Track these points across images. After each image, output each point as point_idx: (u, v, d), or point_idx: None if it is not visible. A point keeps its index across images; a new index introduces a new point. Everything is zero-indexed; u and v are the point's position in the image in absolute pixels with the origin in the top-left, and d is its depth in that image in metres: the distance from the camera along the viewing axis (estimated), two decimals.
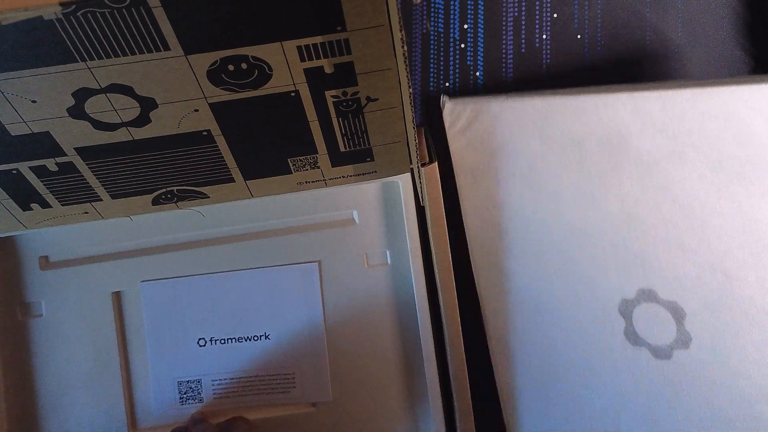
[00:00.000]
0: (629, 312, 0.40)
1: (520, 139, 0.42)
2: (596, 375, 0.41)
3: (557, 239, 0.41)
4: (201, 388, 0.43)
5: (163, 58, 0.28)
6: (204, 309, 0.44)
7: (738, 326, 0.39)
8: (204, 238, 0.44)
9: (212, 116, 0.33)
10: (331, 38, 0.29)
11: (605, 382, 0.40)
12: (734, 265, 0.39)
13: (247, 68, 0.30)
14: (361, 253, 0.44)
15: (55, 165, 0.35)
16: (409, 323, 0.43)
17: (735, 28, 0.46)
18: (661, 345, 0.40)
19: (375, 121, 0.35)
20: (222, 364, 0.43)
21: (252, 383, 0.43)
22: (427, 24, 0.47)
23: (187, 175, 0.37)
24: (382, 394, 0.44)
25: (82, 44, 0.27)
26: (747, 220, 0.39)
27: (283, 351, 0.43)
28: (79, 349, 0.44)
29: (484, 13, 0.47)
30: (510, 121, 0.42)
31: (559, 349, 0.41)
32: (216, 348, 0.43)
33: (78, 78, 0.29)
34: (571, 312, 0.41)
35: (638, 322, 0.40)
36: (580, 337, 0.41)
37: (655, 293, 0.40)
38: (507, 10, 0.47)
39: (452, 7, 0.47)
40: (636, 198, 0.40)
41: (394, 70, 0.31)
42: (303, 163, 0.38)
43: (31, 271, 0.44)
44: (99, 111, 0.31)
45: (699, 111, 0.39)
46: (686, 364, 0.40)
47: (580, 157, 0.41)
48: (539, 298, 0.42)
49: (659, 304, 0.40)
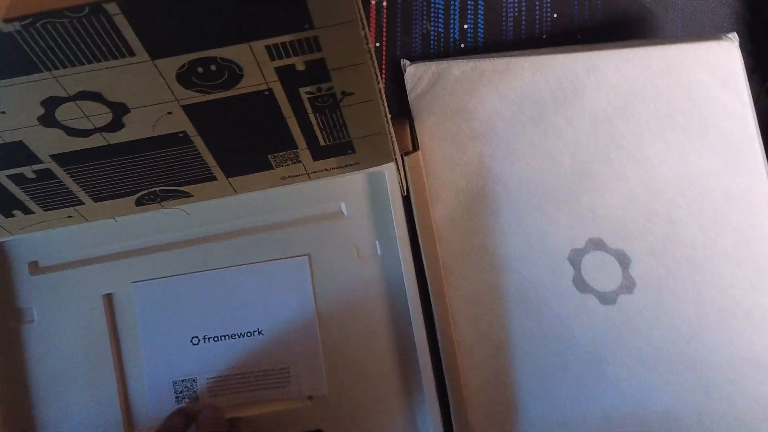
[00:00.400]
0: (578, 261, 0.42)
1: (479, 99, 0.43)
2: (546, 321, 0.42)
3: (513, 196, 0.43)
4: (196, 387, 0.43)
5: (129, 64, 0.28)
6: (196, 307, 0.44)
7: (679, 271, 0.41)
8: (193, 237, 0.44)
9: (186, 118, 0.32)
10: (300, 36, 0.28)
11: (554, 328, 0.42)
12: (679, 213, 0.41)
13: (217, 70, 0.29)
14: (351, 245, 0.44)
15: (33, 173, 0.34)
16: (402, 313, 0.43)
17: (735, 28, 0.46)
18: (607, 291, 0.42)
19: (353, 115, 0.34)
20: (216, 361, 0.43)
21: (247, 379, 0.43)
22: (427, 24, 0.47)
23: (167, 176, 0.37)
24: (376, 384, 0.44)
25: (45, 54, 0.27)
26: (692, 171, 0.41)
27: (277, 346, 0.43)
28: (73, 353, 0.44)
29: (484, 13, 0.47)
30: (470, 81, 0.43)
31: (513, 301, 0.43)
32: (210, 346, 0.43)
33: (45, 87, 0.28)
34: (525, 265, 0.43)
35: (586, 270, 0.42)
36: (533, 287, 0.43)
37: (603, 242, 0.42)
38: (507, 10, 0.47)
39: (452, 7, 0.47)
40: (589, 153, 0.42)
41: (367, 64, 0.30)
42: (284, 159, 0.37)
43: (20, 277, 0.44)
44: (70, 118, 0.31)
45: (650, 69, 0.41)
46: (630, 309, 0.42)
47: (537, 115, 0.43)
48: (494, 255, 0.43)
49: (607, 252, 0.42)
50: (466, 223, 0.44)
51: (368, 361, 0.44)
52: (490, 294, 0.43)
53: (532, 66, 0.42)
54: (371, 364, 0.44)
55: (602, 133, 0.42)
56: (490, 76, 0.43)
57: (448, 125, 0.44)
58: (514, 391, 0.43)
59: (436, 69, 0.44)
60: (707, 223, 0.41)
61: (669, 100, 0.41)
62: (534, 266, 0.43)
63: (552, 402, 0.43)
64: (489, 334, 0.43)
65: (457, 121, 0.44)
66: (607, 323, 0.42)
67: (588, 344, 0.42)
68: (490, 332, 0.43)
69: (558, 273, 0.42)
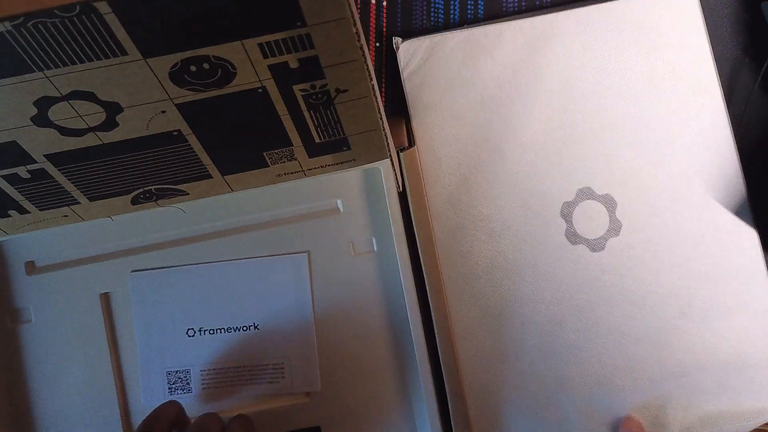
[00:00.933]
0: (570, 214, 0.44)
1: (474, 68, 0.44)
2: (541, 276, 0.44)
3: (509, 161, 0.44)
4: (190, 378, 0.43)
5: (121, 63, 0.28)
6: (193, 300, 0.44)
7: (662, 207, 0.44)
8: (190, 235, 0.44)
9: (180, 116, 0.32)
10: (292, 34, 0.28)
11: (549, 281, 0.44)
12: (659, 151, 0.44)
13: (210, 68, 0.29)
14: (348, 242, 0.44)
15: (27, 172, 0.34)
16: (398, 309, 0.43)
17: (734, 28, 0.46)
18: (597, 238, 0.44)
19: (347, 112, 0.34)
20: (211, 354, 0.44)
21: (241, 373, 0.43)
22: (427, 23, 0.47)
23: (163, 174, 0.37)
24: (374, 380, 0.44)
25: (36, 54, 0.26)
26: (677, 114, 0.44)
27: (273, 341, 0.43)
28: (70, 352, 0.44)
29: (484, 13, 0.47)
30: (464, 51, 0.44)
31: (510, 269, 0.44)
32: (205, 338, 0.44)
33: (37, 87, 0.28)
34: (521, 227, 0.44)
35: (577, 221, 0.44)
36: (528, 246, 0.44)
37: (592, 190, 0.44)
38: (507, 11, 0.47)
39: (452, 7, 0.47)
40: (579, 107, 0.44)
41: (360, 61, 0.30)
42: (279, 156, 0.37)
43: (17, 278, 0.44)
44: (63, 118, 0.31)
45: (635, 20, 0.44)
46: (618, 250, 0.44)
47: (531, 77, 0.44)
48: (491, 222, 0.44)
49: (595, 199, 0.44)
50: (463, 195, 0.44)
51: (365, 357, 0.44)
52: (487, 265, 0.44)
53: (524, 30, 0.44)
54: (368, 360, 0.44)
55: (591, 85, 0.44)
56: (484, 43, 0.44)
57: (443, 98, 0.44)
58: (513, 374, 0.44)
59: (429, 43, 0.45)
60: (693, 161, 0.44)
61: (646, 52, 0.44)
62: (530, 226, 0.44)
63: (551, 362, 0.44)
64: (487, 307, 0.44)
65: (453, 92, 0.44)
66: (598, 269, 0.44)
67: (581, 295, 0.44)
68: (488, 305, 0.44)
69: (552, 229, 0.44)
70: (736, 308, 0.43)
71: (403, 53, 0.45)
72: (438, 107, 0.44)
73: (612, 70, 0.44)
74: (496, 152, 0.44)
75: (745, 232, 0.43)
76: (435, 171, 0.45)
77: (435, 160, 0.44)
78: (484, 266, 0.44)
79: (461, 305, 0.44)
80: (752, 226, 0.43)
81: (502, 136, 0.44)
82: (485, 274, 0.44)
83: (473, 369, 0.44)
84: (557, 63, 0.44)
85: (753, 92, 0.45)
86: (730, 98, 0.45)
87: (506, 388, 0.44)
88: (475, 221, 0.44)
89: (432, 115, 0.45)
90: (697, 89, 0.44)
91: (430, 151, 0.45)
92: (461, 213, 0.44)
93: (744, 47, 0.46)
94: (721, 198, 0.44)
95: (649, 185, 0.44)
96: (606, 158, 0.44)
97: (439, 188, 0.44)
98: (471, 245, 0.44)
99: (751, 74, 0.46)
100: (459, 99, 0.44)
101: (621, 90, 0.44)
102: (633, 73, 0.44)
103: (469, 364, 0.44)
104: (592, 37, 0.44)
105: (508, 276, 0.44)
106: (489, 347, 0.44)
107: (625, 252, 0.44)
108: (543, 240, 0.44)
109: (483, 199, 0.44)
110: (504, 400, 0.44)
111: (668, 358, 0.43)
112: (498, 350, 0.44)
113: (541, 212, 0.44)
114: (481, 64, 0.44)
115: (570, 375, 0.43)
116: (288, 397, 0.44)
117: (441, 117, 0.44)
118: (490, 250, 0.44)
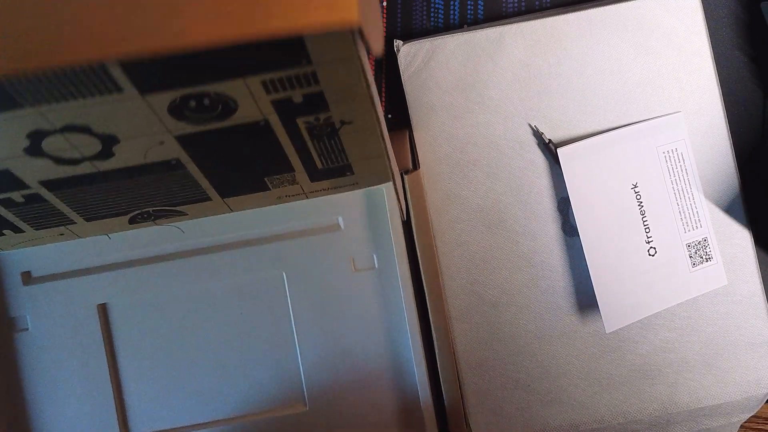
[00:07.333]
0: (566, 208, 0.45)
1: (474, 70, 0.45)
2: (538, 266, 0.45)
3: (507, 155, 0.45)
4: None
5: (117, 100, 0.27)
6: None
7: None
8: (187, 249, 0.43)
9: (179, 147, 0.31)
10: (297, 72, 0.27)
11: (546, 270, 0.45)
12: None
13: (210, 103, 0.28)
14: (348, 257, 0.43)
15: (21, 197, 0.33)
16: (398, 325, 0.43)
17: (734, 29, 0.44)
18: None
19: (351, 141, 0.33)
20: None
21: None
22: (427, 24, 0.46)
23: (161, 197, 0.36)
24: (372, 395, 0.43)
25: (27, 92, 0.25)
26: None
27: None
28: (67, 361, 0.43)
29: (484, 13, 0.46)
30: (465, 54, 0.45)
31: (508, 254, 0.45)
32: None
33: (30, 121, 0.27)
34: (519, 221, 0.45)
35: (573, 215, 0.44)
36: (525, 240, 0.45)
37: None
38: (506, 11, 0.46)
39: (452, 7, 0.46)
40: (577, 102, 0.45)
41: (365, 94, 0.29)
42: (281, 181, 0.36)
43: (14, 287, 0.43)
44: (58, 149, 0.30)
45: (635, 22, 0.45)
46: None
47: (530, 77, 0.45)
48: (490, 217, 0.45)
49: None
50: (463, 190, 0.45)
51: (364, 371, 0.43)
52: (486, 258, 0.45)
53: (524, 33, 0.45)
54: (367, 375, 0.43)
55: (591, 86, 0.45)
56: (485, 46, 0.44)
57: (443, 100, 0.45)
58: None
59: (430, 46, 0.45)
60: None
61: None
62: (527, 220, 0.45)
63: (549, 352, 0.45)
64: (485, 295, 0.45)
65: (454, 94, 0.45)
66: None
67: (575, 277, 0.45)
68: (486, 293, 0.45)
69: (549, 222, 0.45)
70: (724, 293, 0.45)
71: (404, 56, 0.45)
72: (438, 109, 0.45)
73: (612, 71, 0.45)
74: (495, 150, 0.45)
75: (738, 225, 0.45)
76: (435, 170, 0.45)
77: (434, 157, 0.45)
78: (482, 258, 0.45)
79: (458, 296, 0.45)
80: (746, 221, 0.45)
81: (501, 135, 0.45)
82: (483, 265, 0.45)
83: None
84: (557, 65, 0.45)
85: (752, 92, 0.45)
86: (729, 98, 0.45)
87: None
88: (472, 219, 0.45)
89: (432, 117, 0.45)
90: (697, 89, 0.45)
91: (430, 149, 0.45)
92: (458, 209, 0.45)
93: (744, 47, 0.45)
94: (716, 195, 0.45)
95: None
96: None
97: (439, 187, 0.45)
98: (469, 237, 0.45)
99: (751, 74, 0.45)
100: (459, 101, 0.45)
101: (620, 90, 0.45)
102: (632, 73, 0.45)
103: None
104: (593, 39, 0.45)
105: (506, 267, 0.45)
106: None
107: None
108: (540, 235, 0.45)
109: (481, 196, 0.45)
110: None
111: (655, 338, 0.45)
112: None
113: (539, 207, 0.45)
114: (482, 67, 0.45)
115: (563, 354, 0.45)
116: (284, 407, 0.43)
117: (440, 116, 0.45)
118: (487, 243, 0.45)
